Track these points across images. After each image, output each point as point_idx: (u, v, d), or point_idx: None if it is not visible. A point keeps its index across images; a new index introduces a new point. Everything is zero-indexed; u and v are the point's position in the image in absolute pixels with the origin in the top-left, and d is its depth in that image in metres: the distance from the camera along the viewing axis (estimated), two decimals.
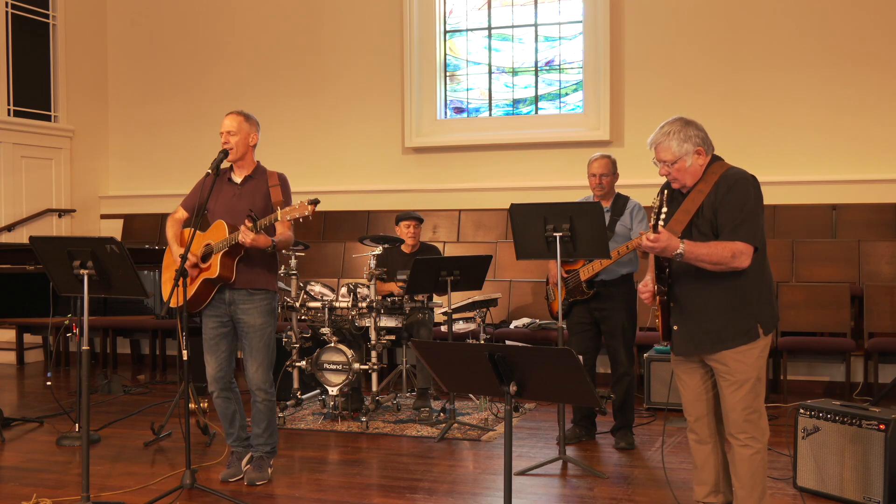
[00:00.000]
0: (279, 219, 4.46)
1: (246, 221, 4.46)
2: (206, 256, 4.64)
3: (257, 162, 4.82)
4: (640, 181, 6.53)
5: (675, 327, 3.62)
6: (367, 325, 6.20)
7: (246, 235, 4.43)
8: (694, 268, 3.50)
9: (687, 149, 3.53)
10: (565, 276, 5.49)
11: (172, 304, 4.49)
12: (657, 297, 3.59)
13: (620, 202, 5.50)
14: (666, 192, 3.68)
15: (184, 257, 4.45)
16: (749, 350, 3.54)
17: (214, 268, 4.58)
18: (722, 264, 3.44)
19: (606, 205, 5.48)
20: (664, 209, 3.43)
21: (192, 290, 4.63)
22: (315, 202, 4.41)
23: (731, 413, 3.57)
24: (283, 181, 4.75)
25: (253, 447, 4.88)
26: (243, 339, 4.73)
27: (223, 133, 4.68)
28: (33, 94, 9.40)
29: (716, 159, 3.61)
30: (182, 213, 4.87)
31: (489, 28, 9.18)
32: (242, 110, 4.80)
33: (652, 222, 3.42)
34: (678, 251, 3.40)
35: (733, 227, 3.46)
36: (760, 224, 3.52)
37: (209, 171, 4.63)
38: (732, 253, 3.43)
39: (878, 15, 7.82)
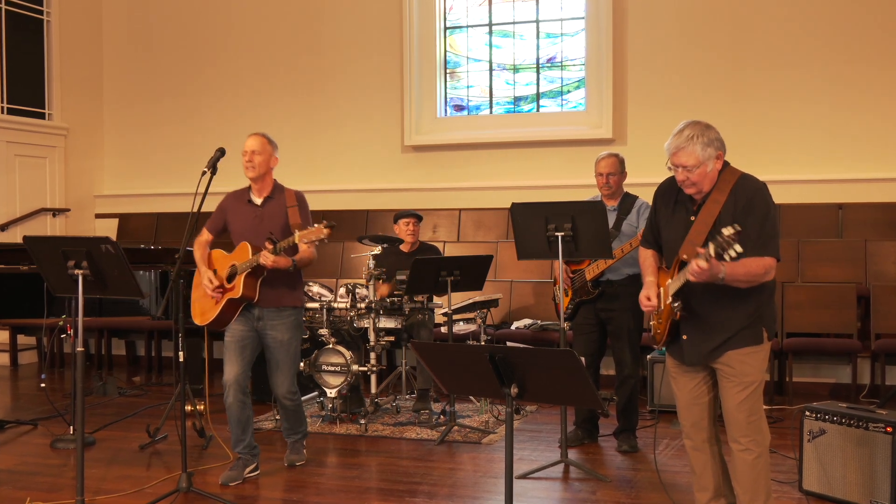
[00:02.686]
0: (297, 241, 4.69)
1: (266, 244, 4.69)
2: (230, 277, 4.88)
3: (274, 181, 5.06)
4: (643, 180, 6.51)
5: (685, 336, 3.62)
6: (365, 326, 6.20)
7: (266, 258, 4.68)
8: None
9: (710, 153, 3.50)
10: (572, 275, 5.50)
11: (198, 322, 4.95)
12: (676, 314, 3.57)
13: (628, 201, 5.49)
14: (662, 192, 3.65)
15: (180, 263, 4.54)
16: (754, 353, 3.55)
17: (238, 288, 4.82)
18: (755, 281, 3.48)
19: (614, 204, 5.47)
20: (738, 248, 3.21)
21: (217, 310, 4.88)
22: (331, 225, 4.63)
23: (733, 416, 3.57)
24: (300, 201, 5.00)
25: (286, 435, 5.24)
26: (269, 353, 4.98)
27: (247, 153, 4.94)
28: (27, 92, 9.40)
29: (725, 165, 3.60)
30: (207, 236, 5.12)
31: (490, 24, 9.18)
32: (264, 132, 5.04)
33: (711, 252, 3.26)
34: (721, 275, 3.38)
35: (761, 244, 3.47)
36: (779, 235, 3.57)
37: (205, 169, 4.71)
38: (765, 269, 3.47)
39: (884, 14, 7.82)
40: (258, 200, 5.00)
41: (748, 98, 8.12)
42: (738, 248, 3.21)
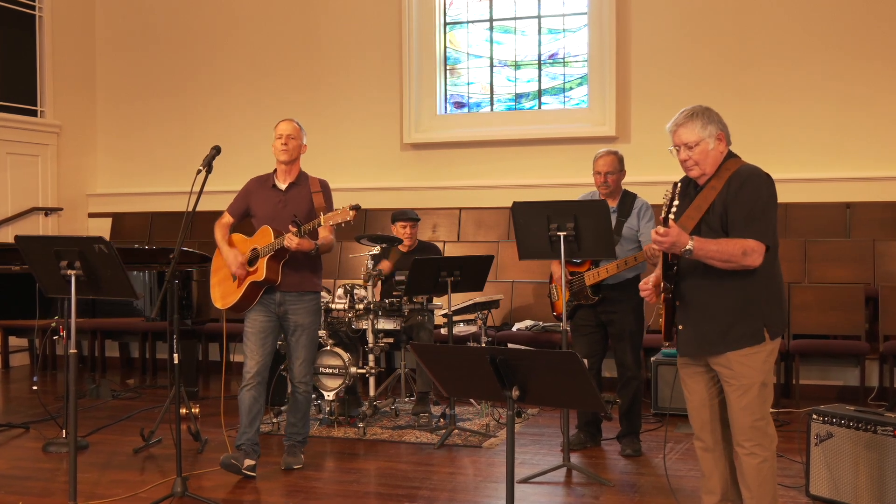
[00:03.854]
0: (322, 224, 4.81)
1: (290, 227, 4.79)
2: (252, 260, 5.00)
3: (300, 169, 5.21)
4: (648, 178, 6.52)
5: (681, 327, 3.62)
6: (364, 327, 6.20)
7: (291, 240, 4.79)
8: (702, 266, 3.49)
9: (711, 131, 3.55)
10: (570, 278, 5.48)
11: (219, 306, 5.13)
12: (662, 295, 3.58)
13: (627, 201, 5.46)
14: (679, 185, 3.66)
15: (174, 259, 4.55)
16: (755, 353, 3.53)
17: (261, 271, 4.94)
18: (732, 262, 3.43)
19: (613, 204, 5.44)
20: (675, 202, 3.39)
21: (239, 293, 5.01)
22: (356, 207, 4.78)
23: (737, 419, 3.57)
24: (325, 187, 5.17)
25: (287, 436, 5.28)
26: (290, 336, 5.15)
27: (282, 136, 5.10)
28: (19, 89, 9.39)
29: (731, 155, 3.62)
30: (228, 219, 5.23)
31: (491, 20, 9.18)
32: (296, 119, 5.23)
33: (662, 215, 3.38)
34: (687, 247, 3.39)
35: (744, 224, 3.45)
36: (773, 222, 3.52)
37: (201, 168, 4.76)
38: (743, 250, 3.42)
39: (891, 9, 7.81)
40: (282, 186, 5.14)
41: (754, 95, 8.11)
42: (676, 201, 3.35)
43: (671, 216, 3.40)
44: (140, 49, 10.02)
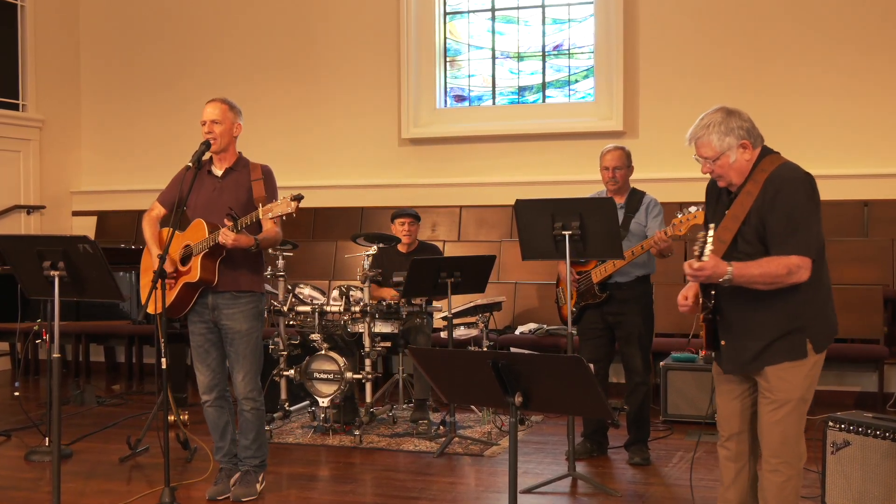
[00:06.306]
0: (260, 216, 4.49)
1: (226, 220, 4.49)
2: (185, 259, 4.69)
3: (239, 153, 4.85)
4: (655, 175, 6.53)
5: (723, 342, 3.55)
6: (360, 330, 6.20)
7: (226, 236, 4.46)
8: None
9: (730, 143, 3.44)
10: (577, 277, 5.48)
11: (151, 311, 4.56)
12: (702, 316, 3.52)
13: (636, 198, 5.49)
14: (709, 188, 3.61)
15: (162, 258, 4.49)
16: (794, 368, 3.46)
17: (195, 271, 4.62)
18: (778, 283, 3.35)
19: (620, 200, 5.46)
20: (710, 235, 3.24)
21: (172, 296, 4.68)
22: (299, 198, 4.43)
23: (766, 434, 3.52)
24: (267, 174, 4.77)
25: (241, 461, 4.91)
26: (228, 346, 4.78)
27: (206, 122, 4.70)
28: (0, 82, 9.39)
29: (767, 152, 3.52)
30: (159, 210, 4.89)
31: (493, 9, 9.18)
32: (225, 98, 4.83)
33: (697, 250, 3.25)
34: (725, 276, 3.30)
35: (784, 239, 3.35)
36: (815, 231, 3.40)
37: (189, 163, 4.66)
38: (788, 269, 3.33)
39: None
40: (218, 172, 4.77)
41: (767, 89, 8.10)
42: (707, 249, 3.23)
43: (706, 249, 3.24)
44: (126, 41, 10.02)
